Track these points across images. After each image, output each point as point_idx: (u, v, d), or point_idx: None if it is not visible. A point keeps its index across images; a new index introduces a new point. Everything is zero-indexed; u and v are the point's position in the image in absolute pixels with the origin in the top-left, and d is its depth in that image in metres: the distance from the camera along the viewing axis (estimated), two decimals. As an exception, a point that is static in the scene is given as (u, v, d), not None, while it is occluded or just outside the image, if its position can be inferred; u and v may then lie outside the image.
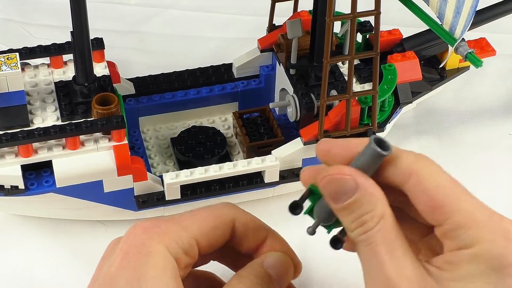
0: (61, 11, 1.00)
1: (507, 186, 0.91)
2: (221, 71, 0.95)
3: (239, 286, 0.62)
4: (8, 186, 0.77)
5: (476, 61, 0.78)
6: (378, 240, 0.57)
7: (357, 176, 0.58)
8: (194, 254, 0.63)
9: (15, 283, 0.80)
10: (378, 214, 0.57)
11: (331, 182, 0.58)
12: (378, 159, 0.59)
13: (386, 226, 0.58)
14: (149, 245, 0.60)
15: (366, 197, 0.58)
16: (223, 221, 0.65)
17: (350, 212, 0.58)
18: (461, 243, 0.57)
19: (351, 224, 0.58)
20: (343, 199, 0.58)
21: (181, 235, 0.62)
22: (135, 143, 0.91)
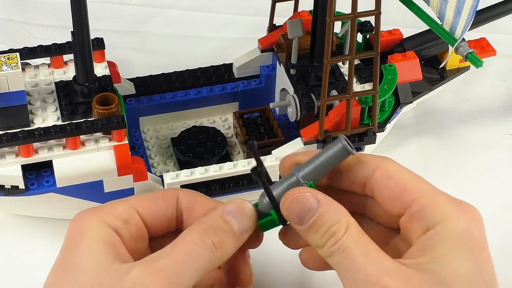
0: (61, 11, 1.01)
1: (507, 186, 0.91)
2: (222, 71, 0.95)
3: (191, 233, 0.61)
4: (9, 186, 0.77)
5: (476, 61, 0.78)
6: (350, 245, 0.59)
7: (316, 193, 0.61)
8: (135, 222, 0.64)
9: (15, 283, 0.80)
10: (344, 223, 0.60)
11: (293, 203, 0.61)
12: (342, 157, 0.62)
13: (354, 232, 0.60)
14: (84, 222, 0.62)
15: (329, 210, 0.60)
16: (164, 194, 0.66)
17: (317, 228, 0.60)
18: (428, 222, 0.60)
19: (320, 239, 0.60)
20: (308, 217, 0.60)
21: (116, 206, 0.64)
22: (136, 143, 0.91)
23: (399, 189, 0.62)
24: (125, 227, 0.63)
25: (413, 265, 0.59)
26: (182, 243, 0.61)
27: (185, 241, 0.61)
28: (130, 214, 0.64)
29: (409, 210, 0.61)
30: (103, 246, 0.61)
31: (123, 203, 0.64)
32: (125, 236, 0.63)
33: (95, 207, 0.65)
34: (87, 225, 0.62)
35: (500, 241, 0.84)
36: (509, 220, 0.87)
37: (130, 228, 0.63)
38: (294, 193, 0.61)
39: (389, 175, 0.62)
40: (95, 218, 0.62)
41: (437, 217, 0.60)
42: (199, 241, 0.60)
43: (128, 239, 0.63)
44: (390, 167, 0.63)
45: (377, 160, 0.64)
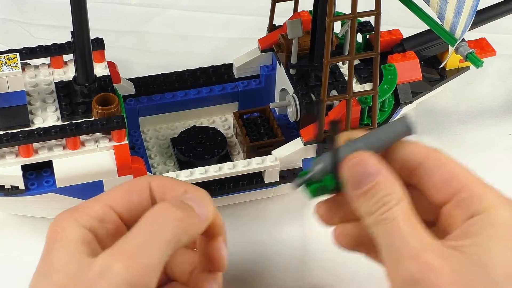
0: (61, 11, 1.00)
1: (507, 186, 0.91)
2: (221, 71, 0.95)
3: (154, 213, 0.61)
4: (8, 186, 0.77)
5: (476, 61, 0.78)
6: (399, 216, 0.60)
7: (378, 161, 0.62)
8: (111, 219, 0.64)
9: (15, 283, 0.80)
10: (398, 195, 0.61)
11: (355, 166, 0.62)
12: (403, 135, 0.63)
13: (405, 205, 0.61)
14: (60, 224, 0.62)
15: (387, 180, 0.61)
16: (136, 185, 0.66)
17: (371, 196, 0.61)
18: (474, 209, 0.60)
19: (372, 206, 0.61)
20: (366, 182, 0.61)
21: (91, 205, 0.64)
22: (136, 143, 0.91)
23: (449, 176, 0.62)
24: (101, 225, 0.63)
25: (454, 246, 0.59)
26: (144, 221, 0.61)
27: (148, 219, 0.61)
28: (105, 212, 0.64)
29: (457, 197, 0.62)
30: (76, 245, 0.61)
31: (98, 201, 0.64)
32: (101, 234, 0.63)
33: (71, 208, 0.64)
34: (62, 227, 0.62)
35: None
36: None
37: (106, 226, 0.63)
38: (358, 156, 0.62)
39: (440, 163, 0.63)
40: (71, 219, 0.63)
41: (483, 206, 0.60)
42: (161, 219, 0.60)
43: (105, 237, 0.63)
44: (442, 156, 0.64)
45: (430, 150, 0.64)
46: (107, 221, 0.64)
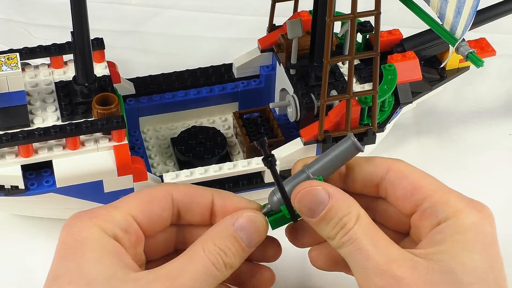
0: (61, 11, 1.01)
1: (507, 186, 0.91)
2: (221, 71, 0.95)
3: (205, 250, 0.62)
4: (8, 186, 0.77)
5: (477, 61, 0.78)
6: (360, 235, 0.60)
7: (326, 185, 0.62)
8: (134, 230, 0.64)
9: (15, 283, 0.80)
10: (355, 214, 0.61)
11: (305, 196, 0.62)
12: (351, 153, 0.64)
13: (365, 223, 0.61)
14: (83, 230, 0.62)
15: (339, 202, 0.62)
16: (158, 195, 0.66)
17: (328, 220, 0.62)
18: (440, 217, 0.61)
19: (331, 231, 0.62)
20: (319, 210, 0.62)
21: (113, 214, 0.63)
22: (135, 143, 0.91)
23: (411, 187, 0.63)
24: (125, 236, 0.63)
25: (422, 254, 0.60)
26: (199, 258, 0.61)
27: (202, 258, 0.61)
28: (128, 222, 0.63)
29: (421, 207, 0.62)
30: (112, 257, 0.60)
31: (119, 210, 0.64)
32: (126, 244, 0.63)
33: (89, 213, 0.64)
34: (87, 234, 0.61)
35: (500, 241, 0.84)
36: (509, 220, 0.87)
37: (129, 237, 0.63)
38: (305, 186, 0.62)
39: (402, 175, 0.64)
40: (95, 227, 0.62)
41: (448, 212, 0.61)
42: (214, 260, 0.61)
43: (128, 247, 0.63)
44: (403, 167, 0.65)
45: (390, 162, 0.65)
46: (130, 231, 0.63)
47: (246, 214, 0.64)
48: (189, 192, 0.67)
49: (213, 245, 0.62)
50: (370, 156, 0.67)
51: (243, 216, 0.64)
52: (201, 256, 0.61)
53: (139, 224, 0.64)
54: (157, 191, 0.67)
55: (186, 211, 0.67)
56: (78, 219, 0.63)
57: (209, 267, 0.61)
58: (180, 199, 0.66)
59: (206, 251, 0.62)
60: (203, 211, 0.67)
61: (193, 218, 0.67)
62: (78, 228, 0.62)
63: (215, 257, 0.61)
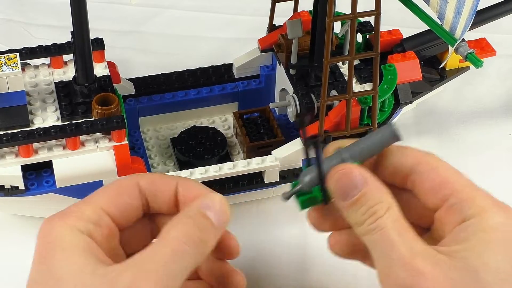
0: (61, 11, 1.00)
1: (507, 186, 0.91)
2: (221, 71, 0.95)
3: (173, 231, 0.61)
4: (8, 186, 0.77)
5: (476, 61, 0.78)
6: (389, 225, 0.60)
7: (364, 171, 0.62)
8: (106, 224, 0.63)
9: (15, 283, 0.80)
10: (386, 204, 0.61)
11: (341, 177, 0.62)
12: (390, 141, 0.64)
13: (394, 214, 0.61)
14: (53, 231, 0.61)
15: (374, 190, 0.62)
16: (125, 186, 0.65)
17: (360, 206, 0.61)
18: (465, 214, 0.61)
19: (361, 217, 0.61)
20: (353, 193, 0.61)
21: (83, 210, 0.63)
22: (135, 143, 0.91)
23: (440, 181, 0.63)
24: (97, 229, 0.62)
25: (445, 252, 0.59)
26: (167, 241, 0.61)
27: (170, 240, 0.61)
28: (99, 216, 0.63)
29: (448, 202, 0.62)
30: (81, 253, 0.60)
31: (90, 205, 0.63)
32: (98, 238, 0.62)
33: (60, 213, 0.63)
34: (58, 234, 0.61)
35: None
36: (509, 220, 0.87)
37: (102, 230, 0.63)
38: (344, 168, 0.62)
39: (431, 168, 0.64)
40: (65, 226, 0.61)
41: (474, 210, 0.61)
42: (184, 238, 0.60)
43: (101, 241, 0.62)
44: (433, 160, 0.64)
45: (421, 154, 0.65)
46: (102, 225, 0.63)
47: (212, 195, 0.64)
48: (154, 181, 0.66)
49: (180, 225, 0.61)
50: (402, 146, 0.66)
51: (208, 196, 0.63)
52: (170, 237, 0.61)
53: (111, 216, 0.64)
54: (125, 181, 0.66)
55: (153, 199, 0.66)
56: (50, 221, 0.63)
57: (178, 246, 0.60)
58: (146, 188, 0.66)
59: (174, 232, 0.61)
60: (168, 199, 0.66)
61: (159, 206, 0.66)
62: (48, 230, 0.62)
63: (183, 235, 0.60)
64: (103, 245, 0.62)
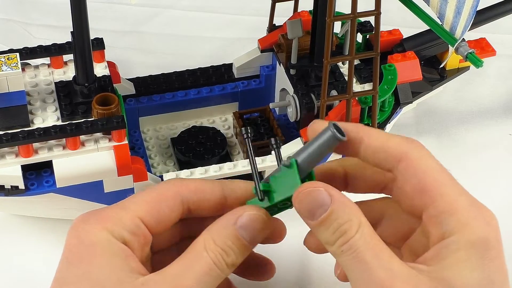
0: (61, 11, 1.01)
1: (508, 186, 0.91)
2: (222, 71, 0.95)
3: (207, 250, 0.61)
4: (8, 186, 0.77)
5: (476, 61, 0.78)
6: (361, 247, 0.58)
7: (329, 188, 0.60)
8: (142, 233, 0.63)
9: (15, 283, 0.80)
10: (356, 222, 0.59)
11: (306, 197, 0.60)
12: (334, 144, 0.61)
13: (366, 232, 0.59)
14: (90, 234, 0.61)
15: (341, 207, 0.59)
16: (166, 194, 0.65)
17: (328, 225, 0.59)
18: (445, 228, 0.59)
19: (331, 236, 0.59)
20: (319, 212, 0.59)
21: (121, 216, 0.62)
22: (135, 143, 0.91)
23: (420, 187, 0.60)
24: (133, 238, 0.62)
25: (425, 271, 0.58)
26: (200, 259, 0.61)
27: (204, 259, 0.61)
28: (137, 225, 0.63)
29: (427, 212, 0.60)
30: (119, 262, 0.60)
31: (127, 212, 0.63)
32: (134, 247, 0.62)
33: (96, 214, 0.63)
34: (95, 239, 0.61)
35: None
36: (509, 220, 0.87)
37: (137, 239, 0.63)
38: (308, 187, 0.60)
39: (412, 171, 0.61)
40: (103, 231, 0.61)
41: (454, 225, 0.59)
42: (216, 261, 0.61)
43: (136, 249, 0.62)
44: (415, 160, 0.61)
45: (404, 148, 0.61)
46: (138, 234, 0.63)
47: (248, 213, 0.63)
48: (198, 190, 0.66)
49: (214, 245, 0.62)
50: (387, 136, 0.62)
51: (244, 215, 0.63)
52: (204, 257, 0.61)
53: (147, 225, 0.64)
54: (166, 190, 0.65)
55: (197, 208, 0.66)
56: (86, 222, 0.62)
57: (211, 267, 0.61)
58: (190, 198, 0.66)
59: (209, 252, 0.61)
60: (214, 206, 0.66)
61: (204, 213, 0.67)
62: (85, 232, 0.61)
63: (217, 258, 0.61)
64: (137, 253, 0.62)
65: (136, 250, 0.62)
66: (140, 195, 0.65)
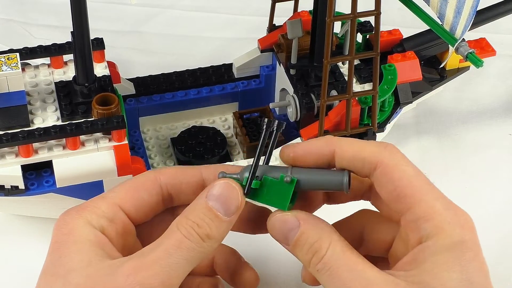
0: (61, 11, 1.01)
1: (507, 186, 0.91)
2: (221, 71, 0.95)
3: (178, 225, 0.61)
4: (8, 186, 0.77)
5: (476, 61, 0.78)
6: (334, 263, 0.60)
7: (297, 212, 0.63)
8: (121, 220, 0.64)
9: (15, 283, 0.80)
10: (326, 240, 0.61)
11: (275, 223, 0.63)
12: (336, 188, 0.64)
13: (338, 248, 0.61)
14: (68, 223, 0.62)
15: (310, 227, 0.62)
16: (145, 182, 0.66)
17: (301, 246, 0.62)
18: (422, 234, 0.60)
19: (305, 256, 0.62)
20: (291, 236, 0.62)
21: (99, 205, 0.64)
22: (135, 143, 0.91)
23: (396, 194, 0.61)
24: (111, 225, 0.63)
25: (402, 276, 0.59)
26: (171, 235, 0.61)
27: (174, 233, 0.61)
28: (114, 212, 0.64)
29: (405, 217, 0.62)
30: (91, 247, 0.61)
31: (106, 200, 0.64)
32: (111, 234, 0.63)
33: (77, 207, 0.64)
34: (72, 227, 0.62)
35: (499, 242, 0.84)
36: (509, 220, 0.87)
37: (115, 226, 0.64)
38: (276, 214, 0.63)
39: (388, 178, 0.62)
40: (80, 219, 0.62)
41: (430, 230, 0.60)
42: (186, 233, 0.61)
43: (114, 237, 0.63)
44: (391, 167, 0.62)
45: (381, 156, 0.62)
46: (116, 221, 0.64)
47: (218, 183, 0.63)
48: (176, 174, 0.66)
49: (185, 219, 0.61)
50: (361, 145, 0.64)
51: (213, 186, 0.63)
52: (173, 231, 0.61)
53: (127, 213, 0.64)
54: (144, 178, 0.66)
55: (178, 192, 0.67)
56: (66, 214, 0.64)
57: (182, 240, 0.60)
58: (168, 182, 0.66)
59: (180, 227, 0.61)
60: (195, 190, 0.66)
61: (186, 198, 0.67)
62: (64, 222, 0.63)
63: (187, 230, 0.61)
64: (117, 241, 0.63)
65: (114, 238, 0.63)
66: (119, 185, 0.66)
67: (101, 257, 0.60)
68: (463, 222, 0.61)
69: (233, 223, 0.63)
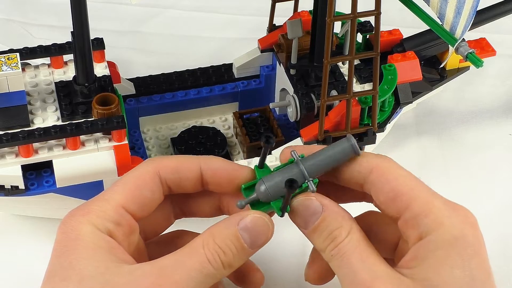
0: (61, 11, 1.01)
1: (508, 186, 0.91)
2: (221, 71, 0.95)
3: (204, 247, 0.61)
4: (9, 186, 0.77)
5: (476, 61, 0.78)
6: (349, 250, 0.61)
7: (321, 197, 0.63)
8: (127, 222, 0.64)
9: (15, 283, 0.80)
10: (346, 228, 0.62)
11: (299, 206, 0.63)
12: (348, 156, 0.63)
13: (355, 237, 0.62)
14: (75, 228, 0.62)
15: (332, 215, 0.62)
16: (145, 179, 0.66)
17: (321, 232, 0.62)
18: (422, 229, 0.60)
19: (322, 243, 0.62)
20: (312, 220, 0.62)
21: (105, 208, 0.63)
22: (136, 143, 0.91)
23: (393, 194, 0.62)
24: (118, 229, 0.63)
25: (407, 273, 0.60)
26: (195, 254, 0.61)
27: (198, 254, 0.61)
28: (120, 215, 0.63)
29: (404, 216, 0.62)
30: (104, 253, 0.61)
31: (110, 203, 0.64)
32: (119, 237, 0.63)
33: (81, 209, 0.64)
34: (79, 232, 0.61)
35: (499, 242, 0.84)
36: (509, 220, 0.87)
37: (122, 229, 0.63)
38: (299, 197, 0.63)
39: (384, 179, 0.63)
40: (87, 225, 0.62)
41: (430, 225, 0.60)
42: (211, 258, 0.61)
43: (122, 239, 0.63)
44: (386, 169, 0.63)
45: (375, 162, 0.64)
46: (123, 224, 0.63)
47: (252, 216, 0.63)
48: (176, 168, 0.66)
49: (213, 243, 0.62)
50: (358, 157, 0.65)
51: (248, 217, 0.63)
52: (199, 253, 0.61)
53: (131, 212, 0.64)
54: (145, 173, 0.66)
55: (177, 186, 0.67)
56: (71, 217, 0.63)
57: (205, 265, 0.61)
58: (168, 177, 0.66)
59: (205, 248, 0.61)
60: (193, 183, 0.67)
61: (183, 189, 0.67)
62: (71, 226, 0.62)
63: (213, 256, 0.61)
64: (124, 243, 0.63)
65: (122, 241, 0.63)
66: (121, 183, 0.66)
67: (116, 262, 0.60)
68: (463, 218, 0.61)
69: (250, 256, 0.64)
